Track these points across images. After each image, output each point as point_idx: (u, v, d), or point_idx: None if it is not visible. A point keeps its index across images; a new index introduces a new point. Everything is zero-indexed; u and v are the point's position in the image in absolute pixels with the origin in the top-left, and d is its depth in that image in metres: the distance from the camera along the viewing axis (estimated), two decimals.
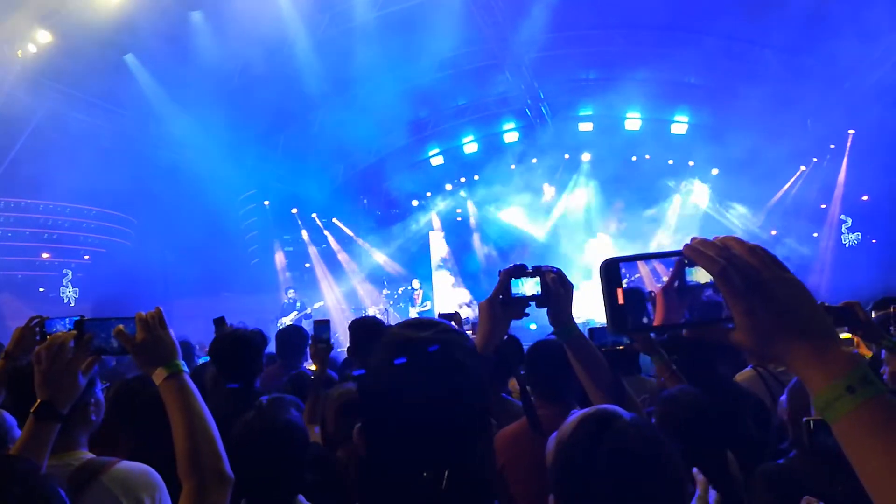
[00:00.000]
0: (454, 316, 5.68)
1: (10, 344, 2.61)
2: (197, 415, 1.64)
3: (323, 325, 3.79)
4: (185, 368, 1.71)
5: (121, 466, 1.94)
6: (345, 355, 5.36)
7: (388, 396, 1.10)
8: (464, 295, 18.11)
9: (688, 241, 0.92)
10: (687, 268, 0.95)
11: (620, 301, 0.96)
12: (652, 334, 3.21)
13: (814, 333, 0.83)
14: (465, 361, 1.10)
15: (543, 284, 1.68)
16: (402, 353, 1.10)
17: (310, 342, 3.82)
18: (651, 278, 1.03)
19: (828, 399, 0.79)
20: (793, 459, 2.40)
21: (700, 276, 0.94)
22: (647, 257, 0.99)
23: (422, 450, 1.06)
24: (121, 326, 1.73)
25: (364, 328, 4.05)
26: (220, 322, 4.25)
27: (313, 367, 4.40)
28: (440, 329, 1.14)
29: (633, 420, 1.38)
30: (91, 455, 2.06)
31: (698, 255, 0.89)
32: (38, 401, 1.74)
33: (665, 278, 0.97)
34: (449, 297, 18.17)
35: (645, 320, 0.96)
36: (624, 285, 0.97)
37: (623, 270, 0.98)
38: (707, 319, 0.94)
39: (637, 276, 1.01)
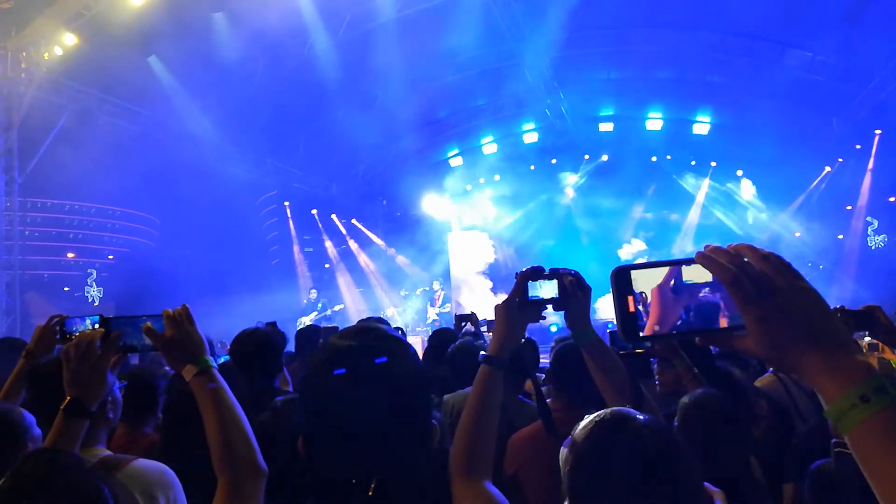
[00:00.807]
0: (471, 317, 5.69)
1: (31, 342, 2.65)
2: (229, 409, 1.65)
3: (332, 332, 3.81)
4: (214, 364, 1.73)
5: (137, 464, 1.96)
6: None
7: (317, 404, 1.12)
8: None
9: (700, 249, 0.91)
10: (683, 266, 0.95)
11: (631, 308, 0.96)
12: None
13: (827, 342, 0.81)
14: (389, 368, 1.11)
15: (561, 287, 1.67)
16: (337, 363, 1.11)
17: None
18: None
19: (841, 409, 0.78)
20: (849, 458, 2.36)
21: (695, 275, 0.94)
22: (658, 265, 0.98)
23: (352, 457, 1.07)
24: (149, 323, 1.76)
25: None
26: (272, 326, 4.29)
27: None
28: (372, 336, 1.14)
29: (647, 422, 1.37)
30: (108, 452, 2.09)
31: (710, 262, 0.88)
32: (68, 398, 1.78)
33: None
34: (491, 302, 17.96)
35: (656, 328, 0.95)
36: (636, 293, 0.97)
37: (634, 278, 0.98)
38: (717, 325, 0.93)
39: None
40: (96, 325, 2.55)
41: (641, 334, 0.96)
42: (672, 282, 0.95)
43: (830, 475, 2.30)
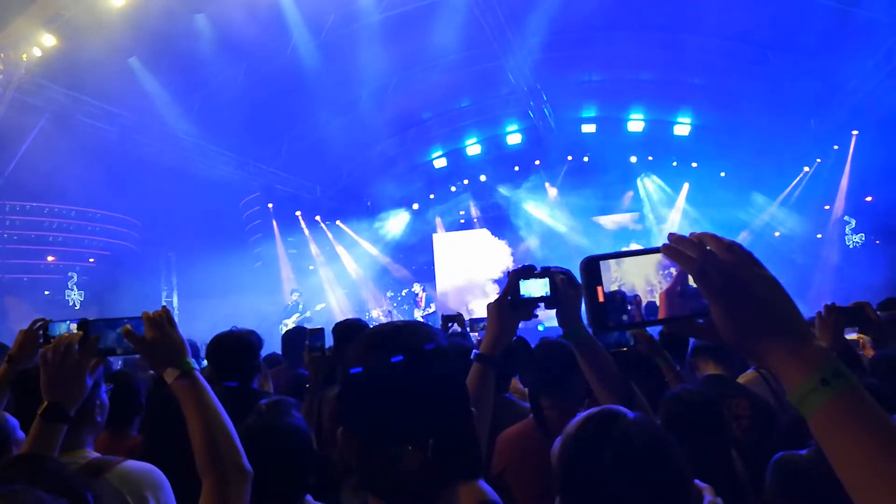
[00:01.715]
0: (457, 317, 5.71)
1: (14, 347, 2.60)
2: (212, 411, 1.64)
3: (317, 334, 3.79)
4: (196, 366, 1.72)
5: (125, 465, 1.95)
6: None
7: (364, 389, 1.10)
8: None
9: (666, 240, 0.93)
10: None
11: (601, 299, 0.99)
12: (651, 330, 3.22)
13: (789, 330, 0.85)
14: (433, 343, 1.12)
15: (552, 286, 1.67)
16: (373, 347, 1.11)
17: (304, 349, 3.82)
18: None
19: (802, 393, 0.81)
20: (817, 450, 2.39)
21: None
22: (626, 255, 1.01)
23: (402, 428, 1.08)
24: (128, 326, 1.73)
25: (347, 328, 4.03)
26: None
27: None
28: (412, 322, 1.17)
29: (637, 419, 1.39)
30: (96, 454, 2.07)
31: (675, 253, 0.91)
32: (46, 402, 1.75)
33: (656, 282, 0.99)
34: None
35: (625, 317, 0.98)
36: (608, 284, 0.99)
37: (609, 269, 1.00)
38: (682, 314, 0.96)
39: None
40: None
41: (609, 324, 0.99)
42: (678, 287, 0.97)
43: (794, 465, 2.34)
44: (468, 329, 5.59)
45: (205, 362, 5.27)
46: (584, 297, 1.00)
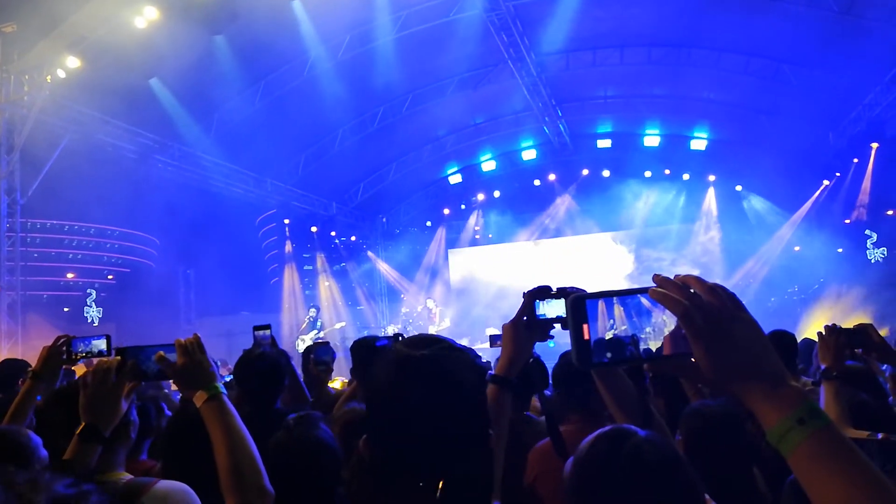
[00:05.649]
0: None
1: (38, 363, 2.64)
2: (237, 434, 1.70)
3: (323, 348, 3.79)
4: (224, 390, 1.79)
5: (160, 487, 1.99)
6: None
7: (387, 410, 1.15)
8: None
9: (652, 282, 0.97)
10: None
11: (586, 336, 1.02)
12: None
13: (766, 372, 0.89)
14: (458, 376, 1.14)
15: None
16: (399, 369, 1.14)
17: (310, 364, 3.81)
18: (624, 319, 1.11)
19: (780, 432, 0.85)
20: None
21: None
22: (613, 294, 1.05)
23: (419, 459, 1.11)
24: (161, 353, 1.83)
25: (365, 348, 4.03)
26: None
27: (336, 385, 4.39)
28: (440, 346, 1.18)
29: (648, 437, 1.38)
30: (129, 476, 2.11)
31: (662, 296, 0.94)
32: (83, 423, 1.84)
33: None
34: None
35: (609, 355, 1.04)
36: (608, 323, 1.03)
37: (602, 307, 1.04)
38: (663, 354, 1.00)
39: (611, 321, 1.09)
40: (103, 346, 2.60)
41: (594, 361, 1.03)
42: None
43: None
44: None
45: (227, 377, 5.28)
46: (571, 334, 1.03)
